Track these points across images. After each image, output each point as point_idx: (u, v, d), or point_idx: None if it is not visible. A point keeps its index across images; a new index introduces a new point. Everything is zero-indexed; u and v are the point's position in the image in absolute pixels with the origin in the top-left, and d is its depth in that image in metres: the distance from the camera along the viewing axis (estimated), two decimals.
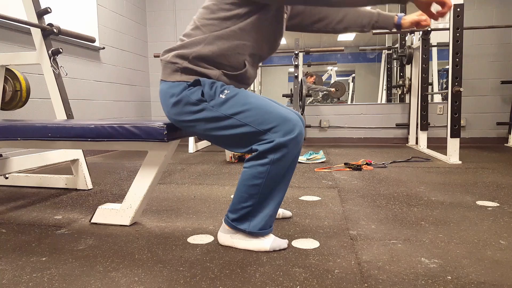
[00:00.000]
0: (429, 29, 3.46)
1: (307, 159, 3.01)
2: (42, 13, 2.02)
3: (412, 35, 4.30)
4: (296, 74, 3.83)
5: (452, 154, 2.92)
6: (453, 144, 2.92)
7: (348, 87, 5.06)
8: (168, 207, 1.73)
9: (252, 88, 4.48)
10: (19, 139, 1.48)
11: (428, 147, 4.09)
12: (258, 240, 1.19)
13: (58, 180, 2.15)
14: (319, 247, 1.21)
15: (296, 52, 3.82)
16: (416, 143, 4.23)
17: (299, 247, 1.21)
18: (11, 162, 1.85)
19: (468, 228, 1.39)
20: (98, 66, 3.71)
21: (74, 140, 1.41)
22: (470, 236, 1.30)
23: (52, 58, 2.04)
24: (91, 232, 1.39)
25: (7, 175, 2.16)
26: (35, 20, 2.02)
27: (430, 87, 4.54)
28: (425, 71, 3.77)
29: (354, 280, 0.98)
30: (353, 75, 5.02)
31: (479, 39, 4.22)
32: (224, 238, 1.23)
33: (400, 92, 4.64)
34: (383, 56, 4.84)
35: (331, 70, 5.07)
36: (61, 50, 2.03)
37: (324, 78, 5.10)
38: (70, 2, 3.24)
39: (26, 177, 2.20)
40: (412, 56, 4.01)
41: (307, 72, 5.01)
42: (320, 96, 5.12)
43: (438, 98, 4.48)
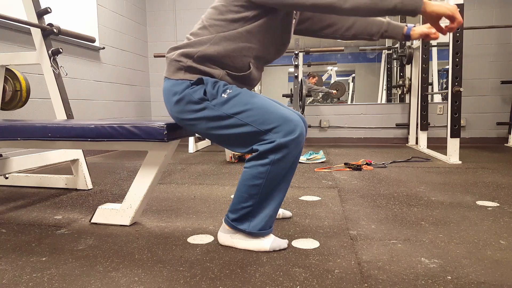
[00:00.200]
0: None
1: (307, 159, 3.01)
2: (42, 13, 2.02)
3: None
4: (296, 74, 3.83)
5: (452, 154, 2.92)
6: (453, 144, 2.92)
7: (348, 87, 5.06)
8: (168, 207, 1.73)
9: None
10: (19, 139, 1.48)
11: (428, 147, 4.09)
12: (258, 240, 1.19)
13: (58, 180, 2.15)
14: (319, 247, 1.21)
15: (296, 52, 3.82)
16: (416, 143, 4.23)
17: (299, 247, 1.21)
18: (11, 162, 1.85)
19: (468, 228, 1.39)
20: (98, 66, 3.71)
21: (74, 140, 1.41)
22: (470, 236, 1.30)
23: (52, 58, 2.04)
24: (91, 232, 1.39)
25: (7, 175, 2.16)
26: (35, 20, 2.02)
27: (430, 87, 4.54)
28: (425, 71, 3.77)
29: (354, 280, 0.98)
30: (353, 75, 5.02)
31: (479, 39, 4.22)
32: (224, 238, 1.23)
33: (400, 92, 4.64)
34: (383, 56, 4.84)
35: (331, 70, 5.07)
36: (61, 50, 2.03)
37: (324, 78, 5.10)
38: (70, 2, 3.25)
39: (26, 177, 2.20)
40: (412, 56, 4.01)
41: (310, 73, 5.00)
42: (320, 96, 5.12)
43: (438, 98, 4.48)
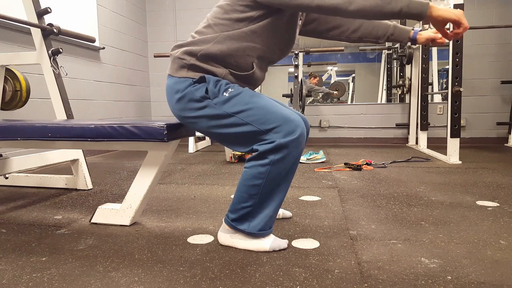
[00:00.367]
0: (429, 28, 3.45)
1: (307, 159, 3.01)
2: (42, 13, 2.02)
3: None
4: (296, 74, 3.83)
5: (452, 154, 2.92)
6: (453, 144, 2.92)
7: (348, 87, 5.06)
8: (168, 207, 1.73)
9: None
10: (19, 139, 1.48)
11: (428, 147, 4.09)
12: (258, 240, 1.19)
13: (58, 180, 2.15)
14: (319, 247, 1.21)
15: (296, 52, 3.81)
16: (416, 143, 4.23)
17: (299, 247, 1.21)
18: (11, 162, 1.85)
19: (468, 228, 1.39)
20: (98, 66, 3.71)
21: (74, 140, 1.41)
22: (470, 236, 1.30)
23: (52, 58, 2.04)
24: (91, 232, 1.39)
25: (7, 175, 2.16)
26: (35, 20, 2.02)
27: (430, 87, 4.54)
28: (425, 71, 3.77)
29: (354, 280, 0.98)
30: (353, 75, 5.02)
31: (479, 39, 4.22)
32: (224, 238, 1.23)
33: (400, 92, 4.64)
34: (383, 56, 4.84)
35: (331, 70, 5.06)
36: (61, 50, 2.03)
37: (324, 78, 5.10)
38: (70, 2, 3.25)
39: (26, 177, 2.20)
40: (412, 56, 4.01)
41: (311, 73, 5.00)
42: (320, 96, 5.12)
43: (438, 98, 4.48)
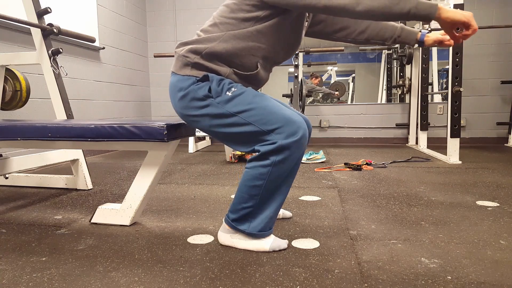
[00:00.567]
0: (429, 29, 3.45)
1: (307, 159, 3.01)
2: (42, 13, 2.02)
3: None
4: (296, 74, 3.83)
5: (452, 154, 2.92)
6: (453, 144, 2.92)
7: (348, 87, 5.06)
8: (168, 207, 1.73)
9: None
10: (19, 139, 1.48)
11: (428, 147, 4.09)
12: (258, 240, 1.19)
13: (58, 180, 2.15)
14: (319, 247, 1.21)
15: (296, 52, 3.81)
16: (416, 143, 4.23)
17: (299, 247, 1.21)
18: (11, 162, 1.85)
19: (468, 228, 1.39)
20: (98, 66, 3.71)
21: (74, 140, 1.41)
22: (470, 236, 1.30)
23: (52, 58, 2.04)
24: (91, 232, 1.39)
25: (7, 175, 2.16)
26: (35, 20, 2.02)
27: (430, 87, 4.54)
28: (425, 71, 3.77)
29: (354, 280, 0.98)
30: (353, 75, 5.02)
31: (479, 39, 4.22)
32: (224, 238, 1.23)
33: (400, 92, 4.64)
34: (383, 56, 4.84)
35: (331, 70, 5.07)
36: (61, 50, 2.03)
37: (324, 78, 5.10)
38: (70, 2, 3.25)
39: (26, 177, 2.20)
40: (412, 56, 4.01)
41: (312, 73, 5.00)
42: (320, 96, 5.12)
43: (438, 98, 4.48)
